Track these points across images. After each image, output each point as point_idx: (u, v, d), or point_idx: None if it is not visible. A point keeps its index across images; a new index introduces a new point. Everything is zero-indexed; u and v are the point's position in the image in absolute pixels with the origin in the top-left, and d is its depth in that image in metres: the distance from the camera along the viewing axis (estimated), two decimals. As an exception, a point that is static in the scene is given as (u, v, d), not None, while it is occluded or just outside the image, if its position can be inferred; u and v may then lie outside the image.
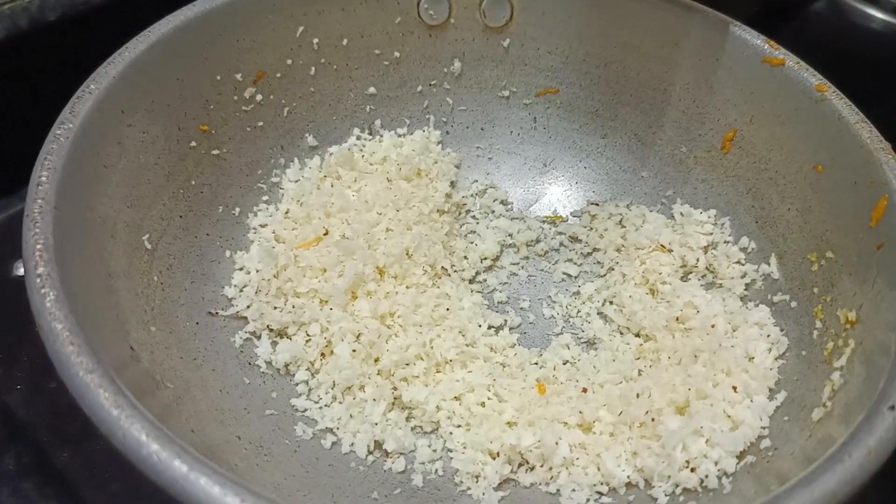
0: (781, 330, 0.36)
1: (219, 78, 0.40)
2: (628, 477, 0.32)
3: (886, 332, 0.29)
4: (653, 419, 0.33)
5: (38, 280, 0.26)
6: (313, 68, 0.43)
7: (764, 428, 0.32)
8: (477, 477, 0.34)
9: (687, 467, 0.31)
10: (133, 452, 0.22)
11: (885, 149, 0.33)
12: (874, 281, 0.31)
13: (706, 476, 0.30)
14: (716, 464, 0.31)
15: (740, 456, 0.31)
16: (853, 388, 0.28)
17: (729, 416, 0.32)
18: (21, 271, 0.45)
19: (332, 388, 0.36)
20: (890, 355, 0.27)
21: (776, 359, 0.35)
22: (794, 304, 0.36)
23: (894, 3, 0.69)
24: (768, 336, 0.35)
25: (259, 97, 0.42)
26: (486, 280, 0.44)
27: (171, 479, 0.22)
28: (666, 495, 0.31)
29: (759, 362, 0.34)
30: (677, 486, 0.31)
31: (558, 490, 0.33)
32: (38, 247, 0.27)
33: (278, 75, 0.42)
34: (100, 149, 0.33)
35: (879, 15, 0.68)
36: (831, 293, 0.34)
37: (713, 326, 0.36)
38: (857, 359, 0.30)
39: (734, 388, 0.33)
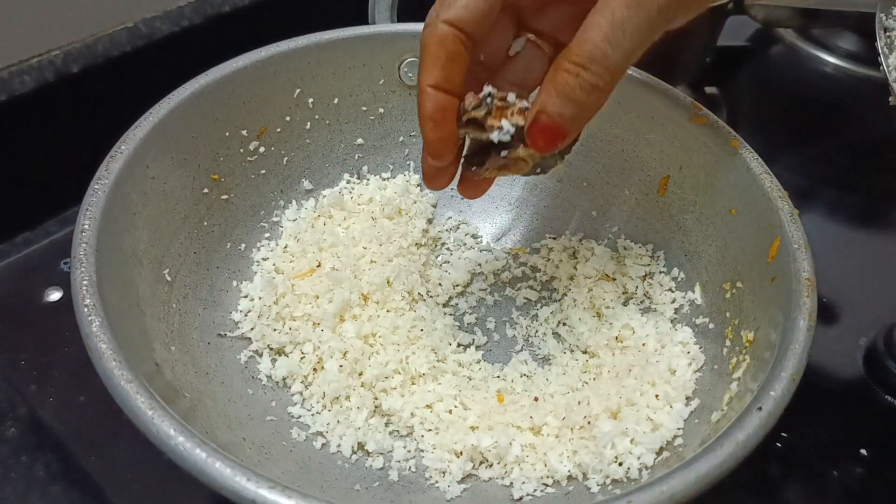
0: (701, 348, 0.41)
1: (227, 134, 0.45)
2: (569, 471, 0.37)
3: (772, 330, 0.34)
4: (589, 423, 0.38)
5: (86, 310, 0.31)
6: (309, 123, 0.49)
7: (679, 429, 0.37)
8: (444, 473, 0.38)
9: (615, 462, 0.36)
10: (163, 444, 0.28)
11: (783, 196, 0.39)
12: (768, 305, 0.37)
13: (629, 469, 0.35)
14: (638, 459, 0.36)
15: (659, 452, 0.36)
16: (743, 394, 0.34)
17: (651, 420, 0.37)
18: (52, 297, 0.51)
19: (323, 398, 0.40)
20: (773, 351, 0.33)
21: (694, 372, 0.40)
22: (711, 326, 0.42)
23: (846, 49, 0.75)
24: (689, 353, 0.40)
25: (262, 149, 0.47)
26: (457, 304, 0.48)
27: (193, 463, 0.27)
28: (598, 485, 0.36)
29: (679, 375, 0.39)
30: (607, 477, 0.36)
31: (511, 483, 0.37)
32: (85, 282, 0.32)
33: (278, 130, 0.47)
34: (129, 199, 0.38)
35: (832, 59, 0.74)
36: (739, 317, 0.39)
37: (644, 345, 0.42)
38: (750, 370, 0.35)
39: (657, 396, 0.38)
